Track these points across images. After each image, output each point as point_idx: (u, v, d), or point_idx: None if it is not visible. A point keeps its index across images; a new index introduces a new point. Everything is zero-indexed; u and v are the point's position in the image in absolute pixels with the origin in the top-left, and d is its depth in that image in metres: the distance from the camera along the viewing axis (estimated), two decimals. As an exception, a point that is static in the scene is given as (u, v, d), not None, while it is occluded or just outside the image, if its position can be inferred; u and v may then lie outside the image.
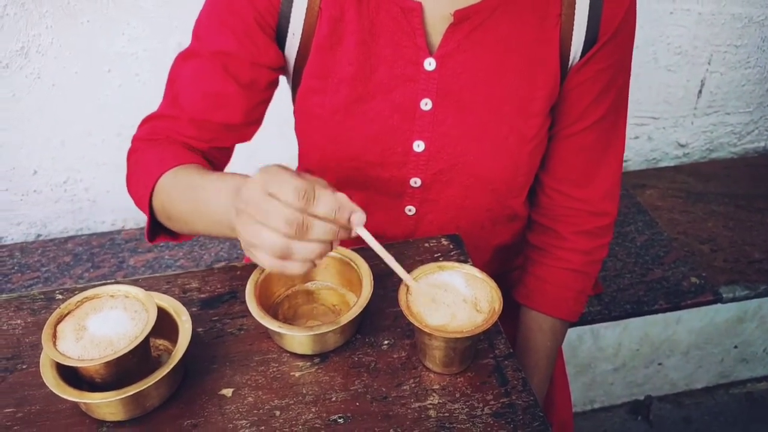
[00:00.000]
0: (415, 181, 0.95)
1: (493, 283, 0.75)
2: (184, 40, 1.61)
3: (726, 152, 2.15)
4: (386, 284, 0.85)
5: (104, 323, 0.68)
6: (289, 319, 0.82)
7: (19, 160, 1.66)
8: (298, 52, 0.90)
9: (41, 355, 0.68)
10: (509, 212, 1.01)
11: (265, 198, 0.60)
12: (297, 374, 0.74)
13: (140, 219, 1.86)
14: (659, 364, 1.92)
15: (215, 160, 0.94)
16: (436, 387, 0.73)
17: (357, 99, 0.90)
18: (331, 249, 0.64)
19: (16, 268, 1.63)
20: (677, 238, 1.74)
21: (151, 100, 1.66)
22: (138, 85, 1.61)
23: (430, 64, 0.87)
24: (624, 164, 2.07)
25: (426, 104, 0.89)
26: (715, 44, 1.89)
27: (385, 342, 0.78)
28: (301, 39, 0.89)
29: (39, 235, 1.81)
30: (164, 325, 0.74)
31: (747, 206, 1.86)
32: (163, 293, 0.84)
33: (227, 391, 0.72)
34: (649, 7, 1.77)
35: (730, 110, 2.05)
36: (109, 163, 1.72)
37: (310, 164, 0.99)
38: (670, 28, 1.83)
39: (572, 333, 1.66)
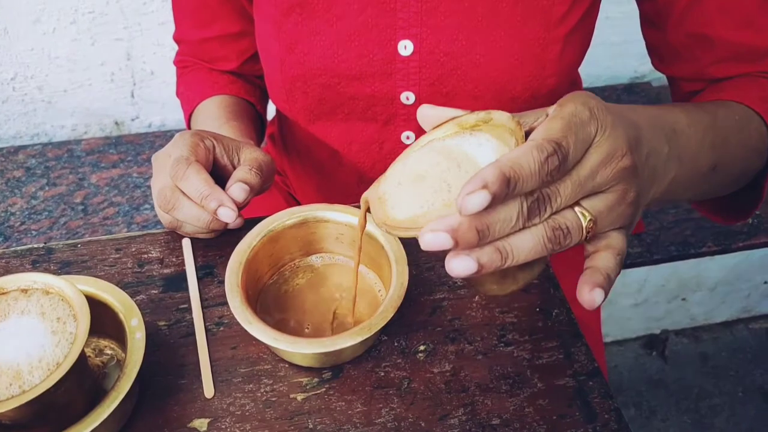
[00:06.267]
0: (407, 97, 0.71)
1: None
2: None
3: None
4: (418, 261, 0.62)
5: (10, 340, 0.45)
6: (286, 311, 0.59)
7: (-46, 52, 1.39)
8: None
9: None
10: None
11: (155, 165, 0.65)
12: (300, 397, 0.53)
13: (105, 124, 1.60)
14: (683, 299, 1.78)
15: (250, 70, 0.87)
16: (496, 422, 0.52)
17: None
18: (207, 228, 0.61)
19: (-44, 183, 1.38)
20: (726, 166, 1.52)
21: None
22: (94, -39, 1.32)
23: None
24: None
25: None
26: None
27: (421, 347, 0.56)
28: None
29: (-13, 142, 1.55)
30: (108, 320, 0.52)
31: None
32: (111, 265, 0.61)
33: (200, 423, 0.51)
34: None
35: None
36: (63, 57, 1.45)
37: (273, 86, 0.75)
38: None
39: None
